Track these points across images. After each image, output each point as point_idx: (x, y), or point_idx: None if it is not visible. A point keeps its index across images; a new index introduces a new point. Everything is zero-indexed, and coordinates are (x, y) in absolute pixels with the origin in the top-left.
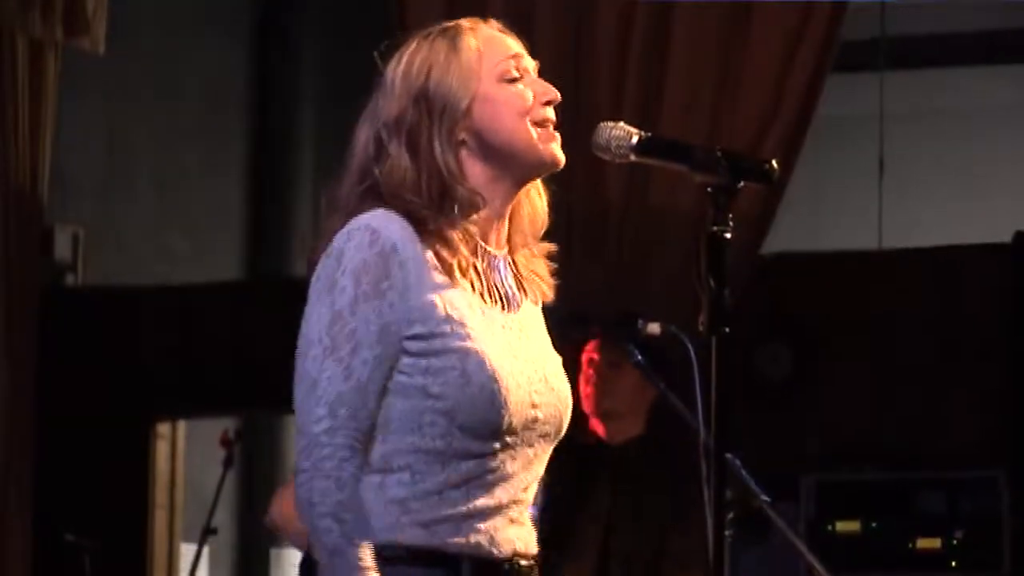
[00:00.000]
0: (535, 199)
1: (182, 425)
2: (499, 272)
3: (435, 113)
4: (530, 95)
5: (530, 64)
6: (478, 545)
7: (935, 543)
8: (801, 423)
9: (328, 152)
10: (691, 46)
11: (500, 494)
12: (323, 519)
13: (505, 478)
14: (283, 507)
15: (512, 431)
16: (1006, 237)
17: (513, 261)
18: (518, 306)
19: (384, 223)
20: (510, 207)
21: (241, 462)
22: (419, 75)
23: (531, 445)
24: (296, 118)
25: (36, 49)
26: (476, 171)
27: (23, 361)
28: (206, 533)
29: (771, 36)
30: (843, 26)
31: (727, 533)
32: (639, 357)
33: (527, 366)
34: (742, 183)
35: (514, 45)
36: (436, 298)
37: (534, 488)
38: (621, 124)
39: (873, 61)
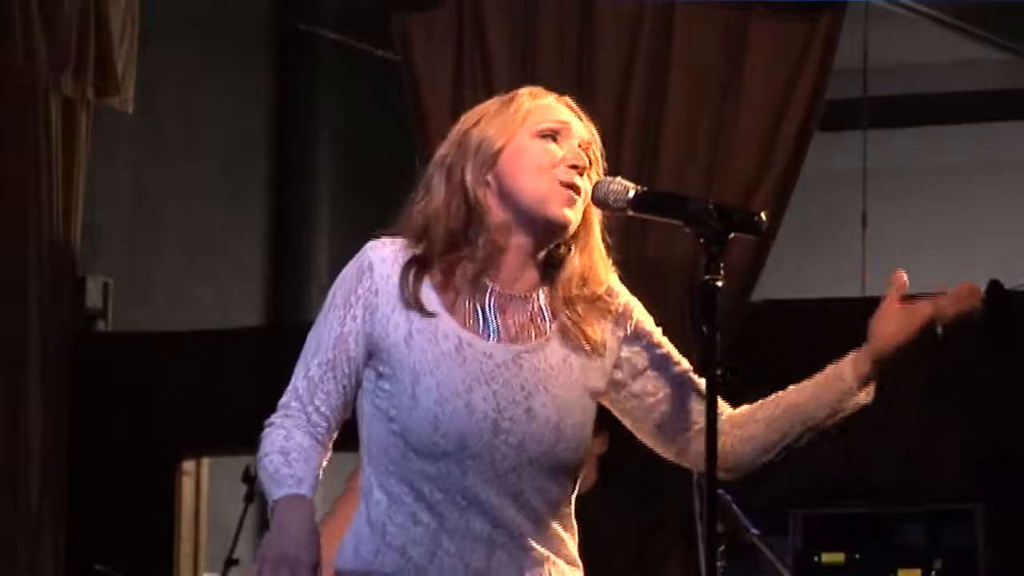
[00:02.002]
0: (594, 259)
1: (206, 462)
2: (512, 308)
3: (471, 151)
4: (559, 155)
5: (579, 134)
6: (452, 569)
7: (915, 573)
8: (789, 460)
9: (344, 206)
10: (686, 106)
11: (477, 522)
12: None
13: (481, 505)
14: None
15: (467, 456)
16: (981, 285)
17: (557, 307)
18: (527, 339)
19: (378, 245)
20: (532, 255)
21: (261, 497)
22: (468, 122)
23: (511, 471)
24: (314, 174)
25: (69, 108)
26: (494, 213)
27: (57, 402)
28: (228, 564)
29: (761, 97)
30: (828, 87)
31: (719, 565)
32: None
33: (505, 394)
34: (733, 234)
35: (567, 115)
36: (404, 324)
37: (543, 517)
38: (619, 179)
39: (857, 120)
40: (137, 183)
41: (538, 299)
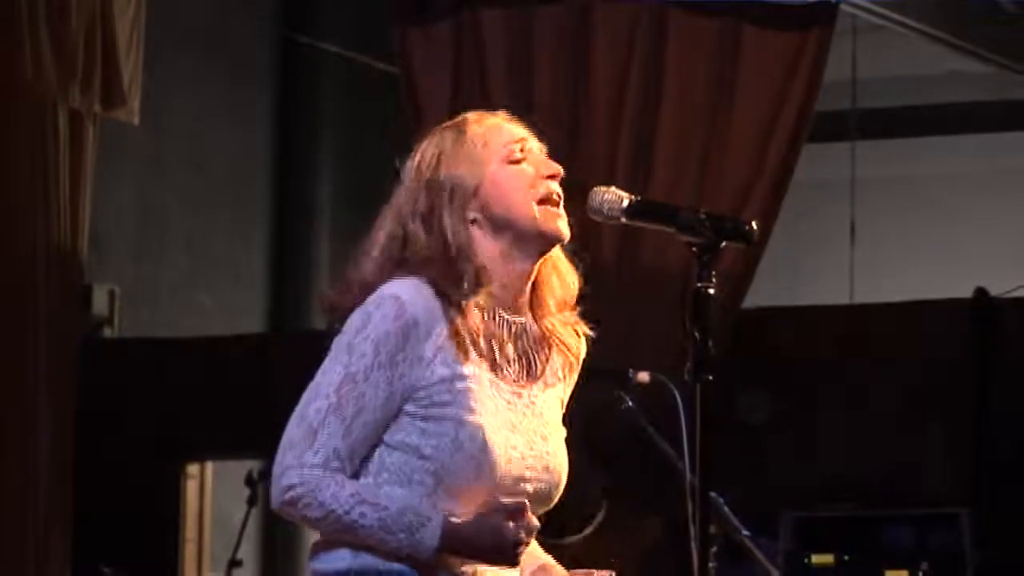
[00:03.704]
0: (563, 270)
1: (210, 466)
2: (520, 340)
3: (445, 196)
4: (532, 172)
5: (535, 146)
6: None
7: (903, 575)
8: (780, 464)
9: (345, 216)
10: (679, 117)
11: None
12: (350, 505)
13: None
14: None
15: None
16: (968, 293)
17: (543, 328)
18: (535, 377)
19: (413, 296)
20: (530, 277)
21: (264, 500)
22: (429, 166)
23: None
24: (315, 183)
25: (76, 120)
26: (488, 246)
27: (64, 407)
28: (232, 565)
29: (752, 108)
30: (818, 99)
31: (711, 566)
32: (630, 403)
33: (525, 441)
34: (725, 243)
35: (518, 130)
36: (446, 370)
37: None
38: (613, 189)
39: (846, 131)
40: (142, 193)
41: (531, 321)
